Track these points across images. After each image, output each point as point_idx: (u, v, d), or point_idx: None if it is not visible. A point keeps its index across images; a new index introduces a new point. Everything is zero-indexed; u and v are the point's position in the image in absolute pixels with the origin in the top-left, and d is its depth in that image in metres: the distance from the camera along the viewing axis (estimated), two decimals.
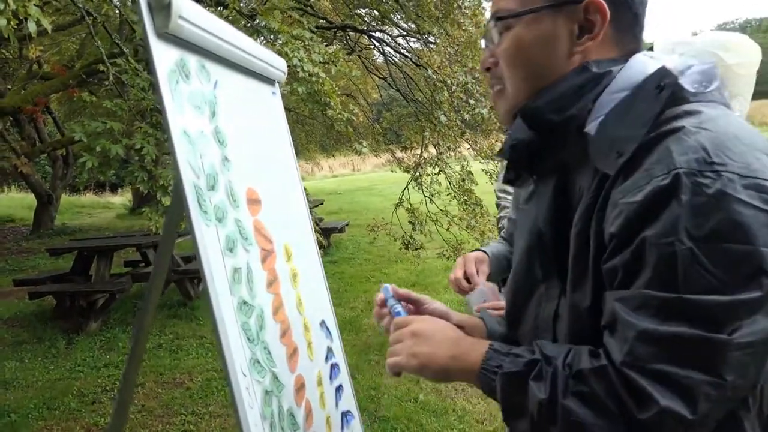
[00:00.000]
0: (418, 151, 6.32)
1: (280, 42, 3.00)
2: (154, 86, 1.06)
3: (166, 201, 2.45)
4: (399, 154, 8.59)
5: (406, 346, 0.94)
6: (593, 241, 0.80)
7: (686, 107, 0.77)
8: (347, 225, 10.29)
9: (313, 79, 2.94)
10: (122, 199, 19.35)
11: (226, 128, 1.24)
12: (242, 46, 1.35)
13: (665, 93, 0.78)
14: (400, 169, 7.32)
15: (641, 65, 0.87)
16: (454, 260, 6.44)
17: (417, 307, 1.13)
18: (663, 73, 0.80)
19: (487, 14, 1.03)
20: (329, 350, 1.70)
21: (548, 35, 0.89)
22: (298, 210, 1.72)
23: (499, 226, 2.40)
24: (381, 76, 7.44)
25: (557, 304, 0.92)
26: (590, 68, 0.87)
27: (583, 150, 0.85)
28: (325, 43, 4.34)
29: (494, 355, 0.85)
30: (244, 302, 1.15)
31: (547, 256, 0.93)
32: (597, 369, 0.73)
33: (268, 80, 1.65)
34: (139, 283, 6.83)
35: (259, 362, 1.16)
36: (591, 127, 0.85)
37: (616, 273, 0.75)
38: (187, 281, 6.73)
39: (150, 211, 2.60)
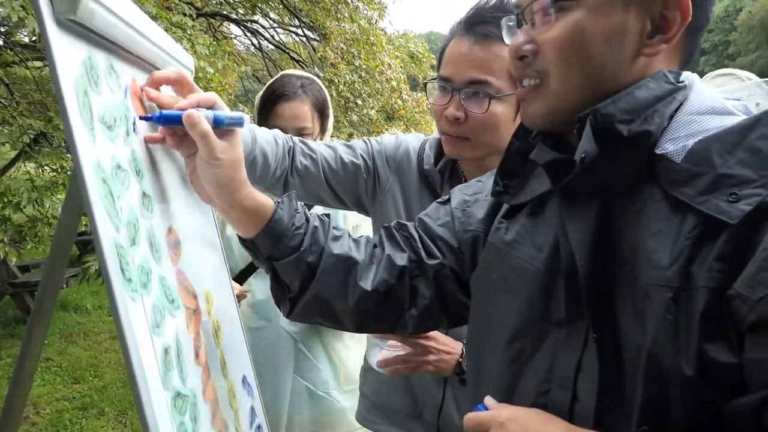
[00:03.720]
0: None
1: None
2: (55, 98, 0.71)
3: (20, 218, 1.96)
4: None
5: None
6: (702, 297, 0.64)
7: None
8: None
9: (200, 74, 2.55)
10: None
11: (141, 150, 0.92)
12: (155, 39, 1.02)
13: None
14: None
15: (709, 89, 0.76)
16: None
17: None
18: None
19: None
20: (252, 411, 1.41)
21: (617, 28, 0.72)
22: (209, 236, 1.39)
23: None
24: (253, 70, 6.99)
25: (581, 354, 0.75)
26: (669, 78, 0.72)
27: (645, 172, 0.72)
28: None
29: None
30: (178, 393, 0.85)
31: (578, 293, 0.74)
32: None
33: None
34: None
35: None
36: (672, 151, 0.70)
37: None
38: (26, 294, 5.88)
39: None
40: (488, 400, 0.83)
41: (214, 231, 1.43)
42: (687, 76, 0.76)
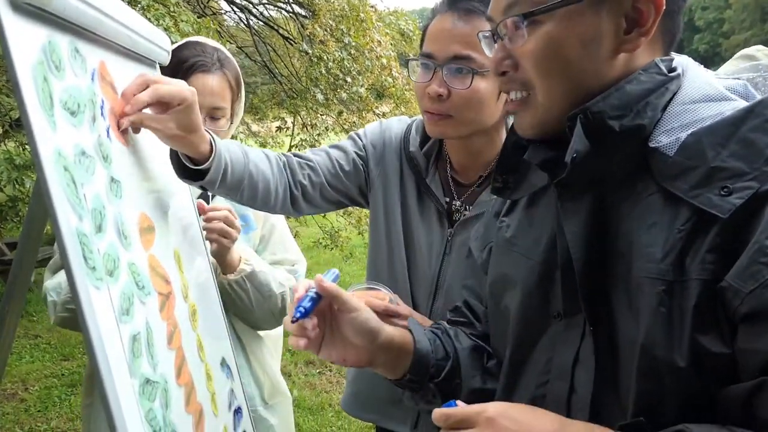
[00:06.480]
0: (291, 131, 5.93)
1: (141, 6, 2.52)
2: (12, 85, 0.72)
3: (0, 198, 1.93)
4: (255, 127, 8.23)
5: None
6: (695, 289, 0.65)
7: None
8: None
9: None
10: None
11: (110, 135, 0.91)
12: (125, 20, 1.00)
13: None
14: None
15: (703, 74, 0.75)
16: (332, 249, 6.06)
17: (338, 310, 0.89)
18: None
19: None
20: (231, 393, 1.41)
21: (591, 33, 0.71)
22: (185, 217, 1.38)
23: None
24: (239, 46, 6.89)
25: (578, 346, 0.76)
26: (661, 68, 0.72)
27: (639, 165, 0.72)
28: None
29: None
30: (147, 380, 0.85)
31: (574, 287, 0.75)
32: None
33: (150, 62, 1.29)
34: None
35: None
36: (665, 145, 0.69)
37: None
38: None
39: None
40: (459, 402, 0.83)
41: (192, 214, 1.42)
42: (680, 62, 0.76)
